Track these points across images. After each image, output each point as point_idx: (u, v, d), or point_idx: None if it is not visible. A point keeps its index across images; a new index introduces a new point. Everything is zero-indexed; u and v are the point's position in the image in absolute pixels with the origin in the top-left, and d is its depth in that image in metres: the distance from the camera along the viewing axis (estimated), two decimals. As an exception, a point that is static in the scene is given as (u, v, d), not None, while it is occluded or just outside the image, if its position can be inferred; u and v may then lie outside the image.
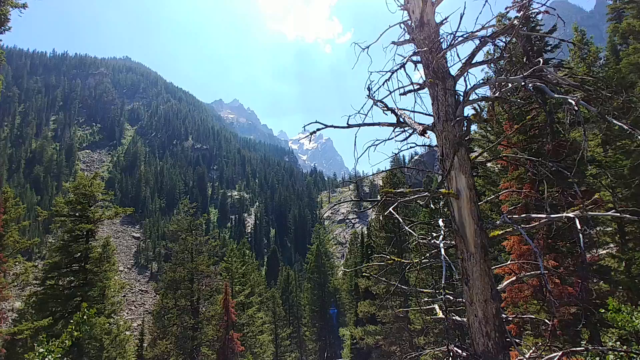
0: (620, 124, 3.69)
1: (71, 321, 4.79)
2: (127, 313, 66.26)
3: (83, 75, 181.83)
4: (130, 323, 26.37)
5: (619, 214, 4.12)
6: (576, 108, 3.75)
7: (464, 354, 4.50)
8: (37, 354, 4.32)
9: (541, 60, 4.58)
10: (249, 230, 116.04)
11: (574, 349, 4.65)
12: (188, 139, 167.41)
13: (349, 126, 5.17)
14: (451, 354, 4.44)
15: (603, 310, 7.30)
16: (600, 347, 4.76)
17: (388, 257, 5.61)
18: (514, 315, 5.70)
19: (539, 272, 4.45)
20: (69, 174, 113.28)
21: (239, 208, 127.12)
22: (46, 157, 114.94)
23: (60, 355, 4.40)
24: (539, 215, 4.71)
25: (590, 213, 4.36)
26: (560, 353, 4.43)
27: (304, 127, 5.43)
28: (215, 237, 43.15)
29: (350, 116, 5.16)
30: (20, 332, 15.27)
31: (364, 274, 23.96)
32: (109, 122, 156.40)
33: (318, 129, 5.39)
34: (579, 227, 4.02)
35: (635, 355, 4.60)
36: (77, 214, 19.63)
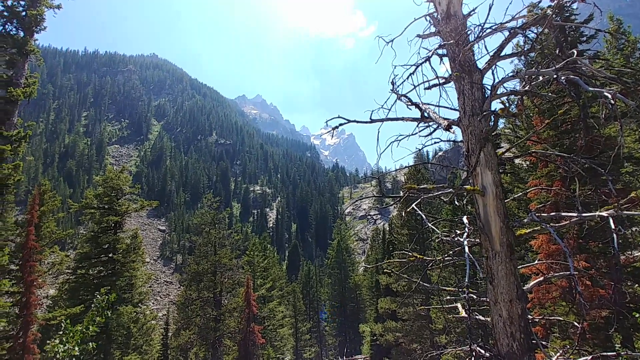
0: (661, 118, 3.48)
1: (92, 306, 4.94)
2: (153, 303, 68.47)
3: (113, 73, 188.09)
4: (156, 313, 27.23)
5: (657, 214, 3.89)
6: (612, 102, 3.56)
7: (487, 354, 4.40)
8: (54, 343, 4.49)
9: (575, 51, 4.37)
10: (271, 225, 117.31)
11: (605, 353, 4.45)
12: (212, 134, 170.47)
13: (372, 121, 5.10)
14: (474, 353, 4.35)
15: (638, 315, 6.97)
16: (633, 353, 4.55)
17: (410, 254, 5.53)
18: (540, 317, 5.52)
19: (568, 272, 4.28)
20: (99, 168, 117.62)
21: (261, 203, 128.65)
22: (78, 151, 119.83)
23: (79, 341, 4.54)
24: (570, 214, 4.51)
25: (625, 212, 4.14)
26: (589, 358, 4.26)
27: (327, 122, 5.41)
28: (237, 231, 43.92)
29: (373, 111, 5.09)
30: (54, 318, 16.05)
31: (385, 270, 23.79)
32: (136, 118, 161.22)
33: (341, 124, 5.35)
34: (613, 227, 3.83)
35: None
36: (105, 207, 20.36)
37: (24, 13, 13.10)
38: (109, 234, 19.97)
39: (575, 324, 5.44)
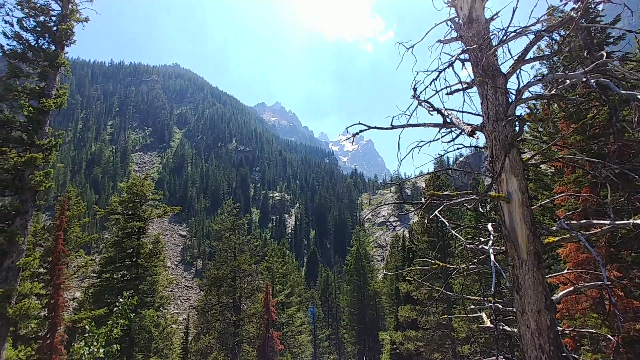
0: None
1: (115, 310, 5.05)
2: (174, 307, 69.53)
3: (137, 82, 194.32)
4: (177, 317, 27.66)
5: (697, 222, 3.70)
6: (646, 105, 3.42)
7: (515, 367, 4.25)
8: (79, 345, 4.60)
9: (604, 53, 4.23)
10: (290, 231, 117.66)
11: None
12: (232, 141, 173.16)
13: (393, 127, 5.07)
14: (501, 366, 4.21)
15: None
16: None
17: (432, 261, 5.44)
18: (571, 329, 5.30)
19: (600, 282, 4.11)
20: (124, 174, 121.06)
21: (280, 209, 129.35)
22: (104, 159, 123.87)
23: (103, 344, 4.65)
24: (601, 222, 4.34)
25: (662, 220, 3.95)
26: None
27: (347, 128, 5.41)
28: (256, 237, 44.25)
29: (393, 117, 5.07)
30: (80, 320, 16.51)
31: (405, 278, 23.45)
32: (159, 126, 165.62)
33: (361, 130, 5.34)
34: (649, 235, 3.66)
35: None
36: (129, 212, 20.90)
37: (55, 28, 13.71)
38: (133, 239, 20.46)
39: (609, 336, 5.21)
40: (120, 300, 5.01)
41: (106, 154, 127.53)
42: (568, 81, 4.45)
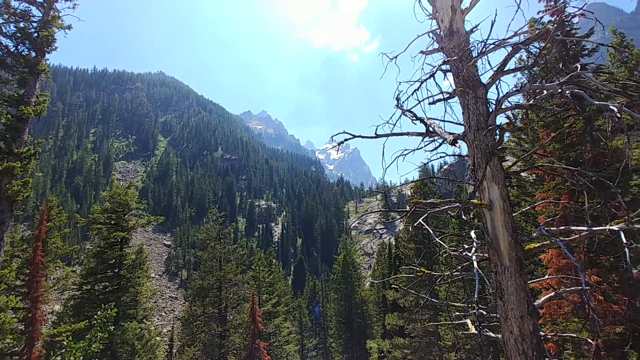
0: (668, 131, 3.47)
1: (94, 323, 4.91)
2: (158, 319, 67.93)
3: (120, 90, 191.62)
4: (161, 329, 27.00)
5: (669, 228, 3.84)
6: (619, 115, 3.56)
7: (499, 372, 4.30)
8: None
9: (579, 65, 4.40)
10: (276, 240, 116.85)
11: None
12: (218, 149, 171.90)
13: (377, 136, 5.14)
14: (485, 372, 4.26)
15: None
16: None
17: (417, 268, 5.48)
18: (553, 333, 5.40)
19: (580, 287, 4.21)
20: (106, 183, 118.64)
21: (267, 217, 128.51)
22: (86, 167, 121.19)
23: (82, 359, 4.50)
24: (580, 228, 4.47)
25: (636, 226, 4.09)
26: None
27: (332, 137, 5.45)
28: (243, 246, 43.73)
29: (378, 126, 5.13)
30: (59, 334, 15.96)
31: (392, 285, 23.51)
32: (143, 134, 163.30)
33: (346, 139, 5.39)
34: (624, 240, 3.78)
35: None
36: (112, 222, 20.45)
37: (35, 34, 13.47)
38: (115, 249, 20.00)
39: (590, 340, 5.32)
40: (99, 312, 4.86)
41: (88, 162, 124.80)
42: (545, 91, 4.60)
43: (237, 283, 26.65)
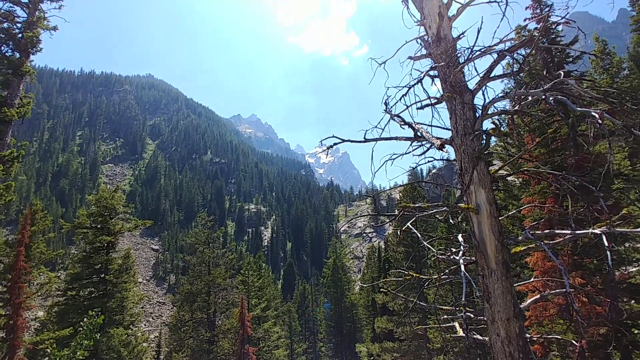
0: (647, 137, 3.57)
1: (79, 330, 4.79)
2: (145, 325, 66.82)
3: (108, 92, 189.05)
4: (148, 335, 26.55)
5: (649, 231, 3.94)
6: (600, 121, 3.66)
7: (487, 375, 4.34)
8: None
9: (562, 72, 4.50)
10: (266, 244, 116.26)
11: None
12: (207, 153, 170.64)
13: (366, 140, 5.17)
14: (473, 374, 4.30)
15: (636, 331, 6.95)
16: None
17: (406, 272, 5.51)
18: (538, 335, 5.48)
19: (564, 290, 4.28)
20: (93, 187, 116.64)
21: (256, 221, 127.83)
22: (71, 170, 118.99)
23: None
24: (564, 232, 4.56)
25: (617, 229, 4.19)
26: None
27: (321, 141, 5.46)
28: (232, 250, 43.43)
29: (367, 130, 5.17)
30: (42, 341, 15.57)
31: (381, 289, 23.56)
32: (131, 137, 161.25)
33: (335, 144, 5.41)
34: (606, 243, 3.87)
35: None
36: (98, 226, 20.10)
37: (20, 35, 13.25)
38: (101, 254, 19.65)
39: (574, 342, 5.41)
40: (85, 320, 4.76)
41: (74, 165, 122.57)
42: (530, 98, 4.69)
43: (226, 288, 26.40)
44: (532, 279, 5.67)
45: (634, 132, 3.76)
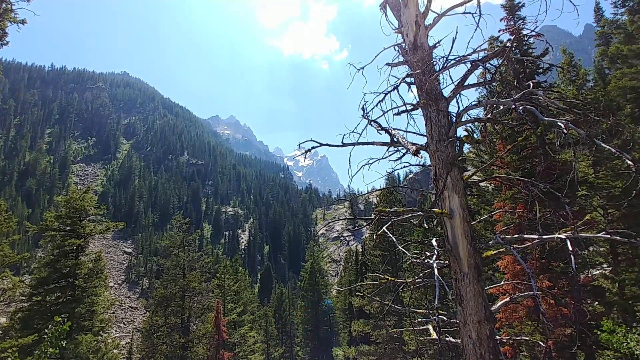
0: (608, 146, 3.77)
1: (44, 337, 4.57)
2: (116, 330, 64.63)
3: (80, 90, 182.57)
4: (119, 341, 25.67)
5: (609, 236, 4.15)
6: (565, 131, 3.83)
7: (458, 376, 4.44)
8: None
9: (531, 83, 4.69)
10: (243, 247, 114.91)
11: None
12: (183, 154, 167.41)
13: (344, 145, 5.22)
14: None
15: (598, 332, 7.25)
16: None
17: (382, 276, 5.57)
18: (508, 337, 5.65)
19: (532, 292, 4.44)
20: (62, 187, 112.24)
21: (233, 224, 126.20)
22: (39, 170, 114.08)
23: None
24: (532, 236, 4.73)
25: (581, 234, 4.39)
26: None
27: (299, 144, 5.48)
28: (208, 254, 42.67)
29: (345, 135, 5.22)
30: (4, 350, 14.79)
31: (357, 292, 23.70)
32: (104, 136, 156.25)
33: (313, 147, 5.43)
34: (570, 248, 4.04)
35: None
36: (67, 229, 19.33)
37: (-14, 27, 12.65)
38: (70, 258, 18.88)
39: (541, 343, 5.61)
40: (50, 326, 4.54)
41: (42, 164, 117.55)
42: (502, 106, 4.86)
43: (201, 292, 25.89)
44: (502, 282, 5.84)
45: (596, 142, 3.95)
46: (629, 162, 3.58)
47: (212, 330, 24.49)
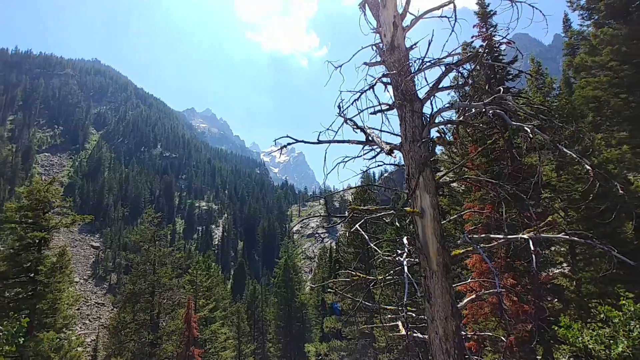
0: (569, 152, 3.96)
1: (0, 334, 4.35)
2: (81, 327, 62.35)
3: (47, 75, 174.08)
4: (84, 338, 24.79)
5: (568, 237, 4.38)
6: (531, 135, 4.00)
7: (425, 371, 4.57)
8: None
9: (502, 88, 4.87)
10: (216, 243, 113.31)
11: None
12: (157, 146, 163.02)
13: (320, 142, 5.24)
14: (412, 371, 4.50)
15: (556, 327, 7.66)
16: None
17: (354, 273, 5.65)
18: (473, 333, 5.88)
19: (496, 290, 4.63)
20: (25, 177, 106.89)
21: (207, 219, 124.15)
22: (0, 158, 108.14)
23: None
24: (498, 236, 4.92)
25: (543, 235, 4.60)
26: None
27: (275, 140, 5.46)
28: (180, 249, 41.85)
29: (321, 132, 5.24)
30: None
31: (330, 289, 23.89)
32: (72, 125, 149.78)
33: (289, 143, 5.43)
34: (532, 248, 4.23)
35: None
36: (29, 221, 18.45)
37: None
38: (32, 252, 18.02)
39: (503, 338, 5.85)
40: (5, 323, 4.33)
41: (4, 153, 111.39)
42: (473, 110, 5.02)
43: (172, 287, 25.33)
44: (469, 280, 6.05)
45: (559, 147, 4.15)
46: (588, 167, 3.78)
47: (183, 327, 24.05)
